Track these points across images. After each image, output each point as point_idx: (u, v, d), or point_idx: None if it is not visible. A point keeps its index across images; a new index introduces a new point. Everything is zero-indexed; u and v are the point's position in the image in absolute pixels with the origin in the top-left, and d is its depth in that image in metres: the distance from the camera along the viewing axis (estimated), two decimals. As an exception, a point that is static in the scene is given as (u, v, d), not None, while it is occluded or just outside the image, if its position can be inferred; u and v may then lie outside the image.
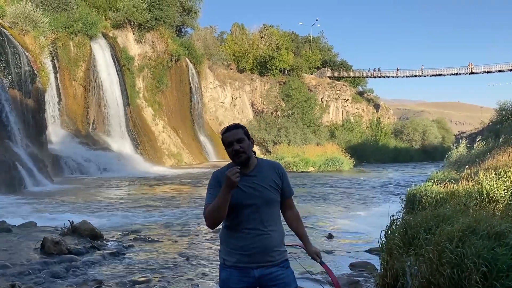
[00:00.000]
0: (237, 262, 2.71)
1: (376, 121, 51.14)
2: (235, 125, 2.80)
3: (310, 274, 6.21)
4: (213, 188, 2.75)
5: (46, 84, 23.25)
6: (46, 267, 6.16)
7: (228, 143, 2.74)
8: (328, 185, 20.73)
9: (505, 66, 50.09)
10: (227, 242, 2.78)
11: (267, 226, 2.72)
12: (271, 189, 2.76)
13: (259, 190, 2.72)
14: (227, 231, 2.78)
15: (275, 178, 2.79)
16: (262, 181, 2.74)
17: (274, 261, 2.73)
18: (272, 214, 2.77)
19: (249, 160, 2.75)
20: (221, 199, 2.59)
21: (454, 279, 4.06)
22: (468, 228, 4.54)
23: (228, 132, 2.76)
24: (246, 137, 2.76)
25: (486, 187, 7.86)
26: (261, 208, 2.72)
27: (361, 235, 9.38)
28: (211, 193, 2.73)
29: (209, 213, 2.66)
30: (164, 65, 35.07)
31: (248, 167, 2.75)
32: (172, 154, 33.07)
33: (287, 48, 52.15)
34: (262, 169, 2.79)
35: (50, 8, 27.61)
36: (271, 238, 2.72)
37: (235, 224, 2.73)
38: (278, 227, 2.79)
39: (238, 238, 2.72)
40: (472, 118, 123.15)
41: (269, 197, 2.75)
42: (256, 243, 2.69)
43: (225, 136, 2.76)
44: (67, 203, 13.57)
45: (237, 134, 2.74)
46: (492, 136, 21.16)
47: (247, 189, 2.70)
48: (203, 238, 8.82)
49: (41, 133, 21.90)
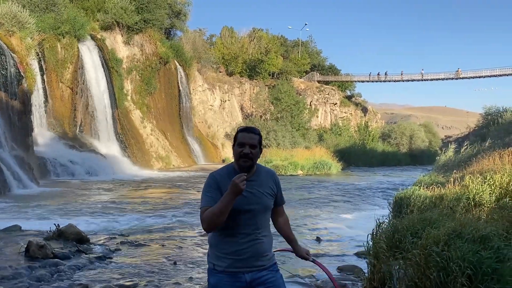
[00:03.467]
0: (228, 267, 2.69)
1: (364, 125, 51.48)
2: (254, 130, 2.78)
3: (298, 278, 6.22)
4: (210, 190, 2.69)
5: (33, 85, 22.95)
6: (30, 272, 6.07)
7: (240, 144, 2.70)
8: (317, 188, 20.78)
9: (491, 71, 50.93)
10: (218, 247, 2.74)
11: (261, 232, 2.74)
12: (268, 196, 2.77)
13: (258, 196, 2.72)
14: (219, 235, 2.74)
15: (271, 185, 2.81)
16: (261, 187, 2.75)
17: (264, 265, 2.74)
18: (265, 220, 2.79)
19: (252, 167, 2.75)
20: (224, 204, 2.53)
21: (440, 282, 4.09)
22: (454, 231, 4.59)
23: (246, 133, 2.73)
24: (259, 145, 2.75)
25: (472, 191, 7.96)
26: (259, 214, 2.72)
27: (349, 238, 9.42)
28: (208, 195, 2.67)
29: (208, 218, 2.59)
30: (153, 68, 34.90)
31: (249, 173, 2.74)
32: (160, 157, 32.88)
33: (276, 51, 52.33)
34: (261, 175, 2.80)
35: (37, 9, 27.31)
36: (263, 244, 2.74)
37: (230, 228, 2.69)
38: (269, 233, 2.82)
39: (231, 243, 2.69)
40: (459, 122, 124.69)
41: (266, 204, 2.76)
42: (249, 248, 2.69)
43: (241, 135, 2.73)
44: (53, 206, 13.39)
45: (253, 139, 2.72)
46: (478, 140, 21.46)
47: (247, 194, 2.67)
48: (191, 242, 8.77)
49: (27, 135, 21.60)
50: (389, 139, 50.78)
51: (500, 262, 4.17)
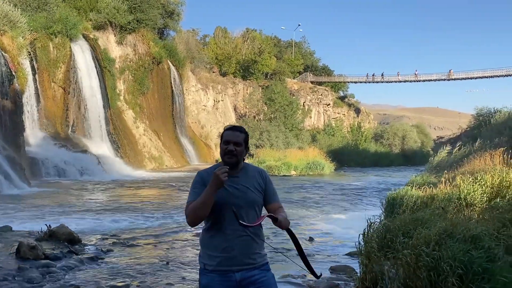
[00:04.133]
0: (218, 265, 2.69)
1: (357, 125, 51.71)
2: (240, 128, 2.85)
3: (291, 278, 6.23)
4: (197, 186, 2.74)
5: (24, 85, 22.79)
6: (21, 273, 6.02)
7: (226, 141, 2.77)
8: (310, 188, 20.82)
9: (482, 73, 51.31)
10: (207, 245, 2.76)
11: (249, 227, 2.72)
12: (254, 191, 2.78)
13: (243, 191, 2.74)
14: (208, 233, 2.77)
15: (259, 181, 2.82)
16: (246, 182, 2.77)
17: (255, 264, 2.73)
18: (254, 216, 2.76)
19: (238, 165, 2.79)
20: (206, 196, 2.60)
21: (431, 282, 4.12)
22: (445, 231, 4.62)
23: (231, 131, 2.80)
24: (244, 143, 2.80)
25: (464, 191, 8.00)
26: (244, 209, 2.71)
27: (342, 238, 9.45)
28: (195, 191, 2.72)
29: (192, 210, 2.65)
30: (146, 68, 34.77)
31: (235, 170, 2.77)
32: (153, 157, 32.77)
33: (270, 52, 52.35)
34: (248, 172, 2.82)
35: (29, 8, 27.12)
36: (252, 241, 2.73)
37: (217, 224, 2.72)
38: (259, 231, 2.80)
39: (220, 239, 2.70)
40: (451, 123, 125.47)
41: (252, 198, 2.76)
42: (237, 244, 2.68)
43: (226, 133, 2.80)
44: (45, 207, 13.30)
45: (237, 137, 2.78)
46: (470, 141, 21.61)
47: (231, 188, 2.71)
48: (183, 242, 8.75)
49: (19, 135, 21.43)
50: (382, 139, 51.01)
51: (490, 261, 4.21)
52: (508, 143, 15.41)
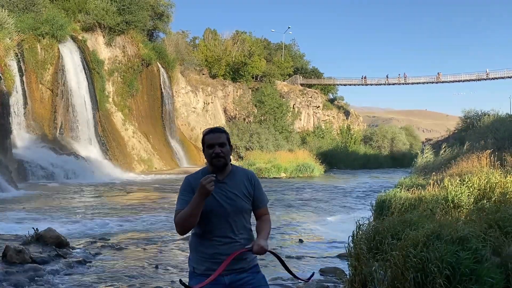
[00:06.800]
0: (207, 270, 2.67)
1: (346, 128, 52.04)
2: (219, 129, 2.80)
3: (280, 280, 6.23)
4: (185, 193, 2.71)
5: (11, 87, 22.55)
6: (7, 277, 5.93)
7: (209, 145, 2.72)
8: (299, 190, 20.87)
9: (469, 76, 51.99)
10: (197, 250, 2.74)
11: (237, 234, 2.71)
12: (243, 197, 2.74)
13: (231, 198, 2.70)
14: (198, 238, 2.75)
15: (247, 186, 2.77)
16: (234, 188, 2.73)
17: (244, 267, 2.72)
18: (242, 223, 2.75)
19: (226, 167, 2.75)
20: (194, 206, 2.56)
21: (418, 283, 4.15)
22: (432, 233, 4.66)
23: (212, 134, 2.75)
24: (227, 142, 2.76)
25: (451, 193, 8.09)
26: (232, 216, 2.70)
27: (332, 240, 9.47)
28: (182, 199, 2.69)
29: (180, 220, 2.62)
30: (135, 70, 34.61)
31: (223, 173, 2.74)
32: (142, 159, 32.58)
33: (260, 54, 52.47)
34: (236, 177, 2.77)
35: (16, 9, 26.84)
36: (241, 247, 2.70)
37: (205, 231, 2.70)
38: (248, 236, 2.78)
39: (208, 246, 2.69)
40: (439, 125, 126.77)
41: (241, 206, 2.73)
42: (226, 251, 2.66)
43: (208, 137, 2.74)
44: (32, 210, 13.14)
45: (220, 138, 2.74)
46: (457, 143, 21.88)
47: (219, 196, 2.68)
48: (173, 245, 8.70)
49: (5, 138, 21.17)
50: (371, 142, 51.41)
51: (478, 262, 4.25)
52: (495, 145, 15.64)
